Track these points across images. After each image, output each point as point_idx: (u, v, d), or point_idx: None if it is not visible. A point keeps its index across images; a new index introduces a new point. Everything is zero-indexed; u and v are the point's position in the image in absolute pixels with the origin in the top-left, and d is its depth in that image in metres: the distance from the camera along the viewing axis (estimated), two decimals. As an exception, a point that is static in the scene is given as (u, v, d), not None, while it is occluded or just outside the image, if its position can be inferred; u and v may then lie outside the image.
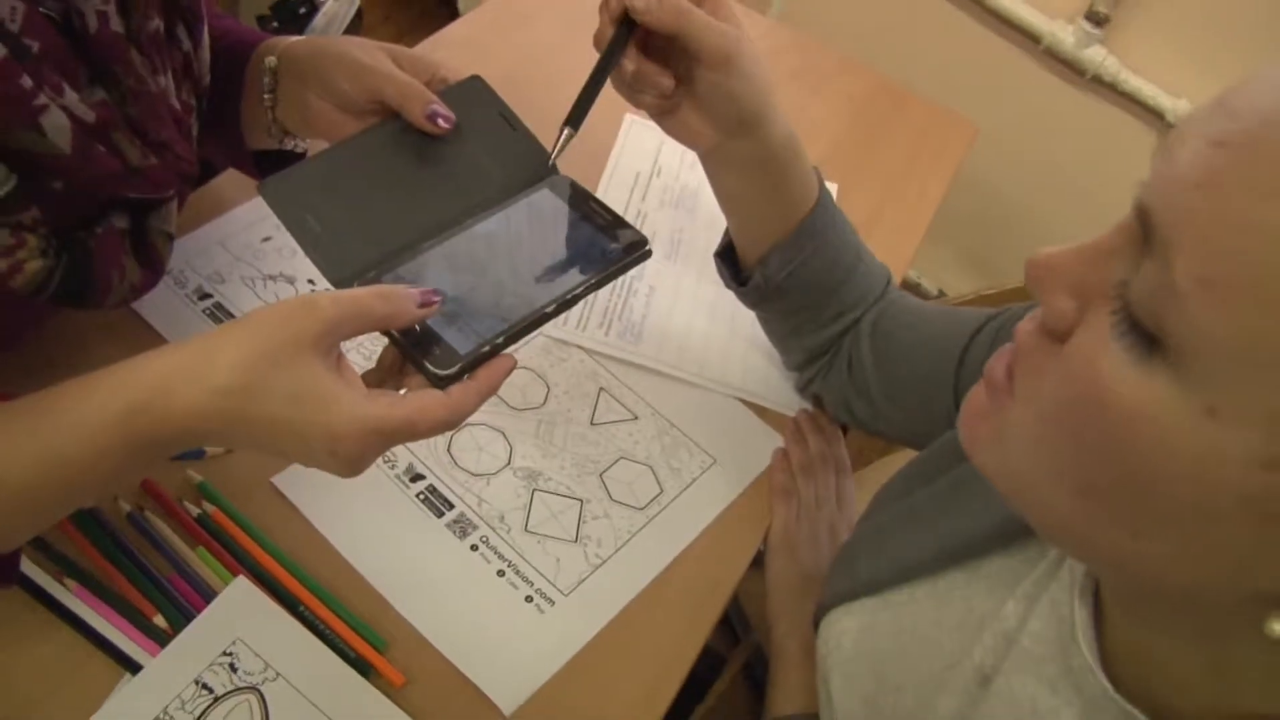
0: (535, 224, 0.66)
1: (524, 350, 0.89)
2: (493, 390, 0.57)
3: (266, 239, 0.90)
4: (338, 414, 0.52)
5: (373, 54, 0.70)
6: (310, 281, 0.88)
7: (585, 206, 0.67)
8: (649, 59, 0.70)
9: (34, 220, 0.60)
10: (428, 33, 1.14)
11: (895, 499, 0.71)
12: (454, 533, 0.76)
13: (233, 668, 0.65)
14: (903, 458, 0.93)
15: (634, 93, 0.72)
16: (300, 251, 0.88)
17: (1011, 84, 1.84)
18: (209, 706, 0.63)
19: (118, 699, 0.63)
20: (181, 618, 0.66)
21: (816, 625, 0.73)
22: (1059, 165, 1.87)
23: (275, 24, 1.22)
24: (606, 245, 0.65)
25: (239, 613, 0.67)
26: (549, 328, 0.90)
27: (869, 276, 0.84)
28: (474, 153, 0.69)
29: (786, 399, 0.93)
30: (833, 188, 1.15)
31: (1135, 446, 0.38)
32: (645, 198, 1.06)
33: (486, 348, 0.57)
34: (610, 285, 0.90)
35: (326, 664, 0.66)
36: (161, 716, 0.62)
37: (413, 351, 0.57)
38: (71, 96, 0.58)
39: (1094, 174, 1.84)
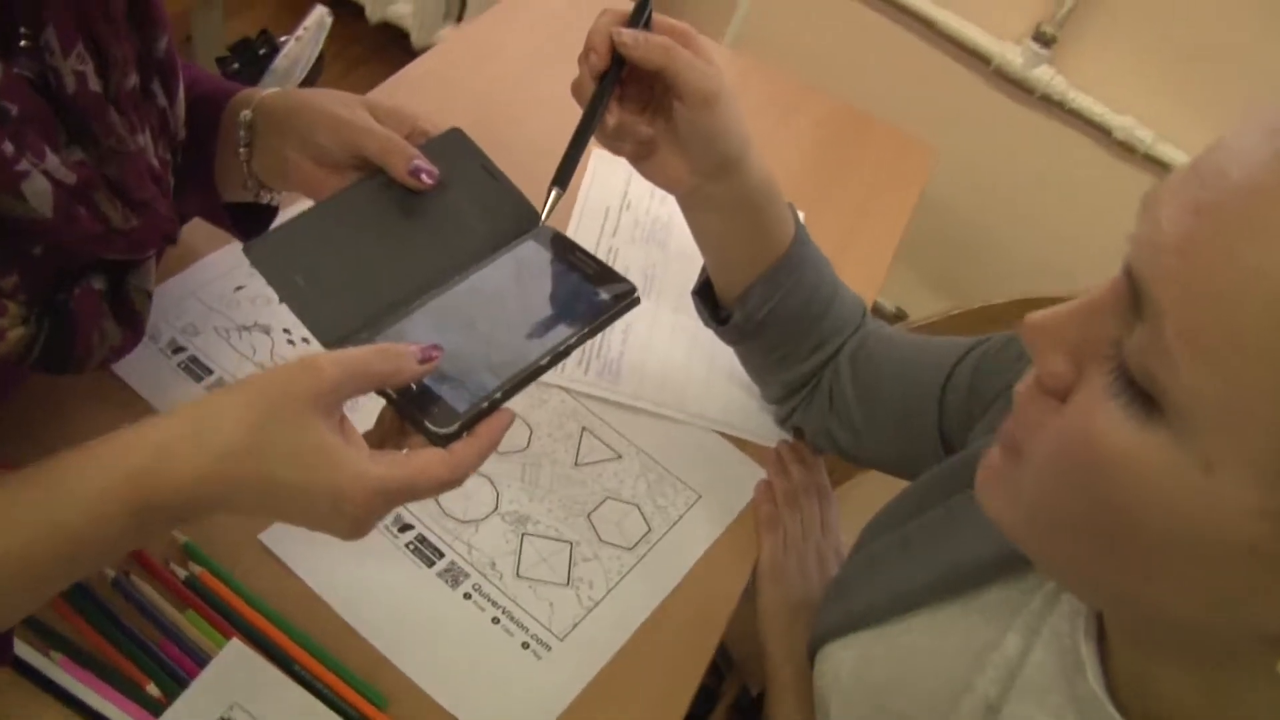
0: (523, 277, 0.66)
1: (506, 392, 0.88)
2: (493, 446, 0.57)
3: (239, 288, 0.89)
4: (343, 473, 0.52)
5: (351, 108, 0.70)
6: (286, 331, 0.87)
7: (571, 257, 0.67)
8: (626, 105, 0.72)
9: (13, 287, 0.59)
10: (384, 72, 1.14)
11: (887, 530, 0.72)
12: (446, 582, 0.75)
13: (232, 734, 0.64)
14: (872, 479, 0.95)
15: (614, 143, 0.73)
16: (275, 300, 0.89)
17: (964, 104, 1.88)
18: (209, 775, 0.62)
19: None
20: (175, 685, 0.65)
21: (812, 657, 0.73)
22: (1014, 182, 1.91)
23: (235, 65, 1.20)
24: (594, 295, 0.65)
25: (235, 677, 0.66)
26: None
27: (845, 307, 0.85)
28: (458, 206, 0.68)
29: (766, 430, 0.93)
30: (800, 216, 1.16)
31: (1136, 502, 0.39)
32: (616, 233, 1.07)
33: (485, 404, 0.57)
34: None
35: (325, 723, 0.65)
36: (160, 788, 0.61)
37: (412, 411, 0.57)
38: (53, 160, 0.58)
39: (1047, 190, 1.88)
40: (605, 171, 1.13)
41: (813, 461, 0.92)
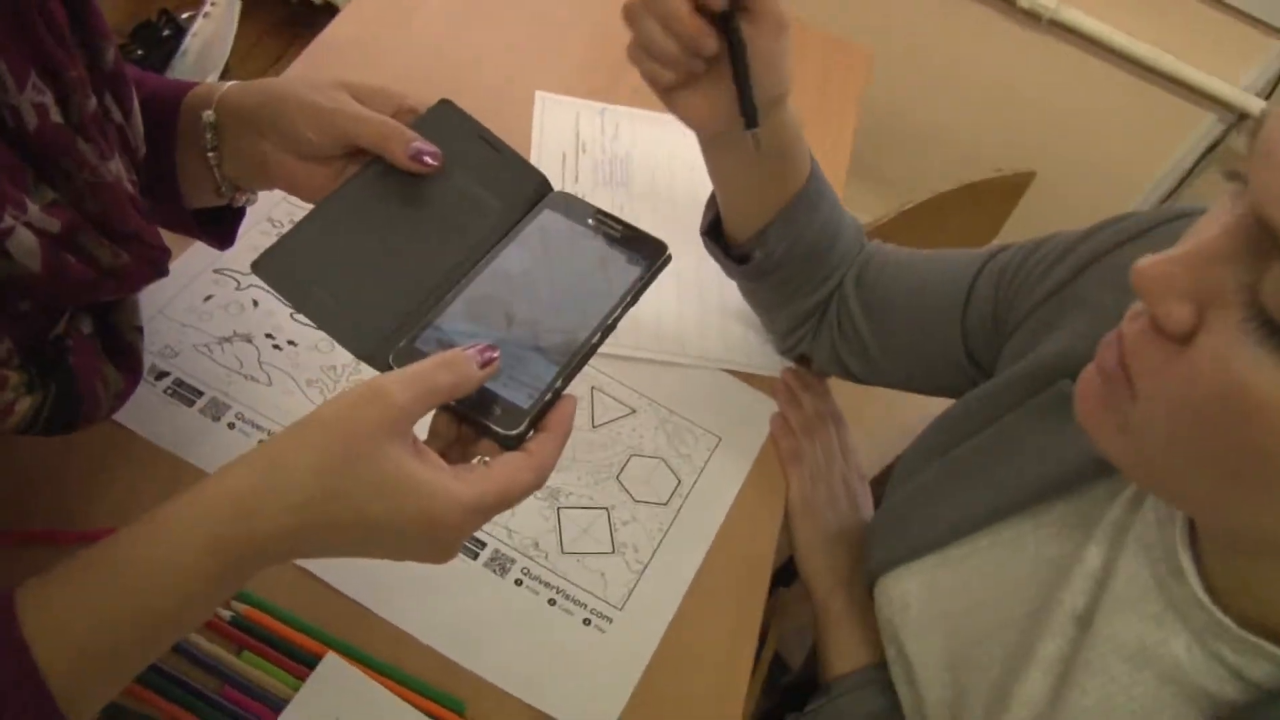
0: (549, 250, 0.63)
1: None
2: (567, 436, 0.56)
3: (208, 298, 0.84)
4: (433, 500, 0.49)
5: (333, 95, 0.65)
6: (269, 335, 0.82)
7: (594, 220, 0.64)
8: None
9: (8, 352, 0.54)
10: (293, 35, 1.06)
11: (933, 456, 0.72)
12: (494, 571, 0.74)
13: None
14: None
15: (660, 68, 0.69)
16: (249, 306, 0.84)
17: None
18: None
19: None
20: (250, 729, 0.63)
21: (870, 589, 0.74)
22: (926, 67, 1.91)
23: (139, 52, 1.11)
24: (627, 259, 0.62)
25: (335, 691, 0.64)
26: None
27: (849, 233, 0.84)
28: (465, 184, 0.65)
29: (768, 361, 0.93)
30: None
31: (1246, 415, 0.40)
32: (578, 179, 1.03)
33: (549, 395, 0.55)
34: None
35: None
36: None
37: (475, 417, 0.54)
38: (33, 209, 0.52)
39: (961, 68, 1.89)
40: (553, 114, 1.08)
41: (821, 388, 0.92)
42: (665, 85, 0.70)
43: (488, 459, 0.54)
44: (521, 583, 0.74)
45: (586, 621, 0.73)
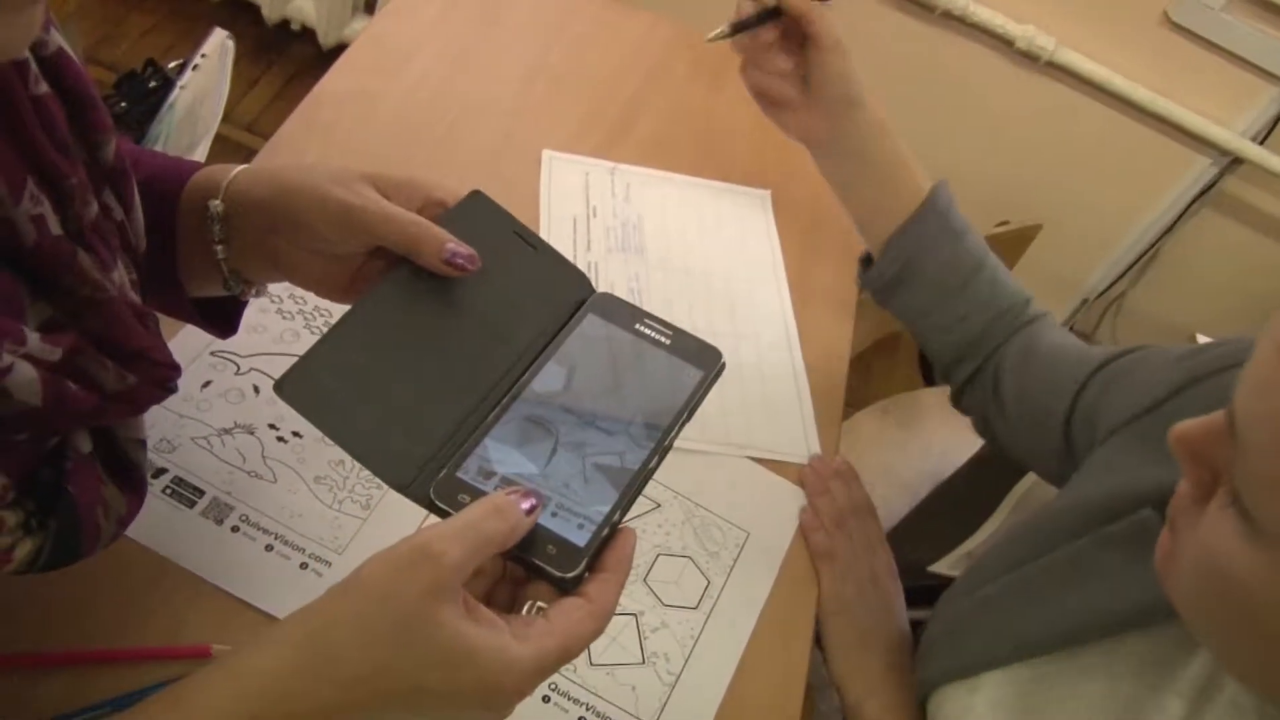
0: (596, 362, 0.58)
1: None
2: (627, 573, 0.52)
3: (206, 384, 0.78)
4: (495, 669, 0.45)
5: (356, 189, 0.59)
6: (273, 426, 0.77)
7: (640, 325, 0.60)
8: (779, 59, 0.83)
9: (4, 488, 0.49)
10: (289, 75, 1.01)
11: (1000, 572, 0.69)
12: (520, 689, 0.69)
13: None
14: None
15: (767, 86, 0.84)
16: (249, 394, 0.79)
17: (861, 29, 1.83)
18: None
19: None
20: None
21: (922, 701, 0.71)
22: (943, 113, 1.89)
23: (122, 104, 1.05)
24: (679, 369, 0.58)
25: None
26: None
27: (995, 286, 0.85)
28: (501, 287, 0.60)
29: (794, 446, 0.89)
30: (764, 194, 1.11)
31: (1259, 609, 0.42)
32: (590, 246, 0.99)
33: (605, 530, 0.51)
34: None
35: None
36: None
37: (529, 558, 0.50)
38: (33, 339, 0.47)
39: (959, 103, 1.87)
40: (560, 174, 1.04)
41: (849, 474, 0.88)
42: (771, 103, 0.85)
43: (543, 605, 0.50)
44: (550, 699, 0.69)
45: (619, 743, 0.69)
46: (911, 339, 0.94)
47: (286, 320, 0.84)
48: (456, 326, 0.59)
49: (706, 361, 0.59)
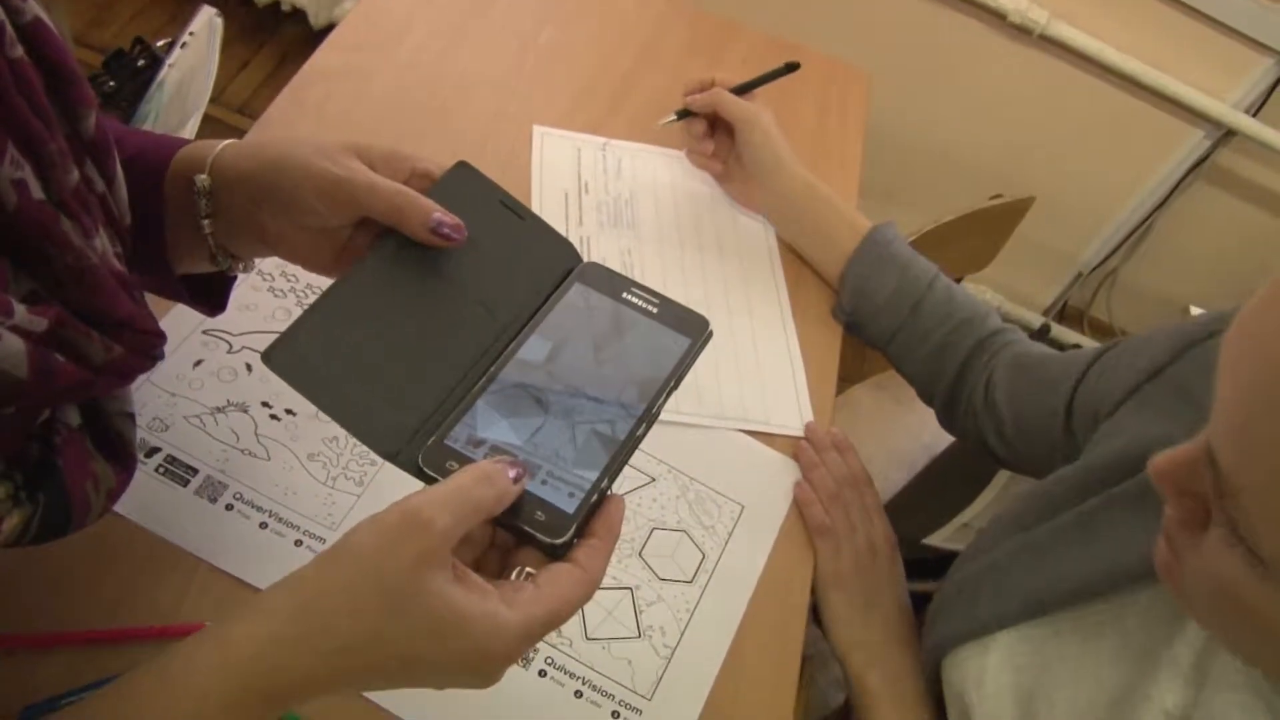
0: (582, 330, 0.58)
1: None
2: (616, 539, 0.52)
3: (198, 363, 0.78)
4: (484, 635, 0.45)
5: (341, 161, 0.59)
6: (266, 404, 0.77)
7: (627, 293, 0.60)
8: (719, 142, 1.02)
9: None
10: (280, 58, 1.01)
11: (1009, 534, 0.69)
12: (518, 663, 0.69)
13: None
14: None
15: (710, 162, 1.03)
16: (243, 372, 0.78)
17: (855, 5, 1.82)
18: None
19: None
20: None
21: (934, 665, 0.71)
22: (920, 82, 1.88)
23: (111, 84, 1.04)
24: (665, 337, 0.58)
25: None
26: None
27: (951, 302, 0.91)
28: (489, 257, 0.60)
29: (788, 419, 0.89)
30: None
31: (1273, 628, 0.43)
32: (582, 221, 0.98)
33: (594, 496, 0.51)
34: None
35: None
36: None
37: (516, 524, 0.50)
38: (20, 311, 0.47)
39: (953, 78, 1.86)
40: (552, 149, 1.04)
41: (845, 445, 0.88)
42: (717, 174, 1.05)
43: (531, 570, 0.50)
44: (546, 674, 0.69)
45: (615, 714, 0.69)
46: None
47: (278, 298, 0.84)
48: (444, 296, 0.58)
49: (694, 330, 0.59)
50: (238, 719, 0.43)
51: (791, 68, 1.03)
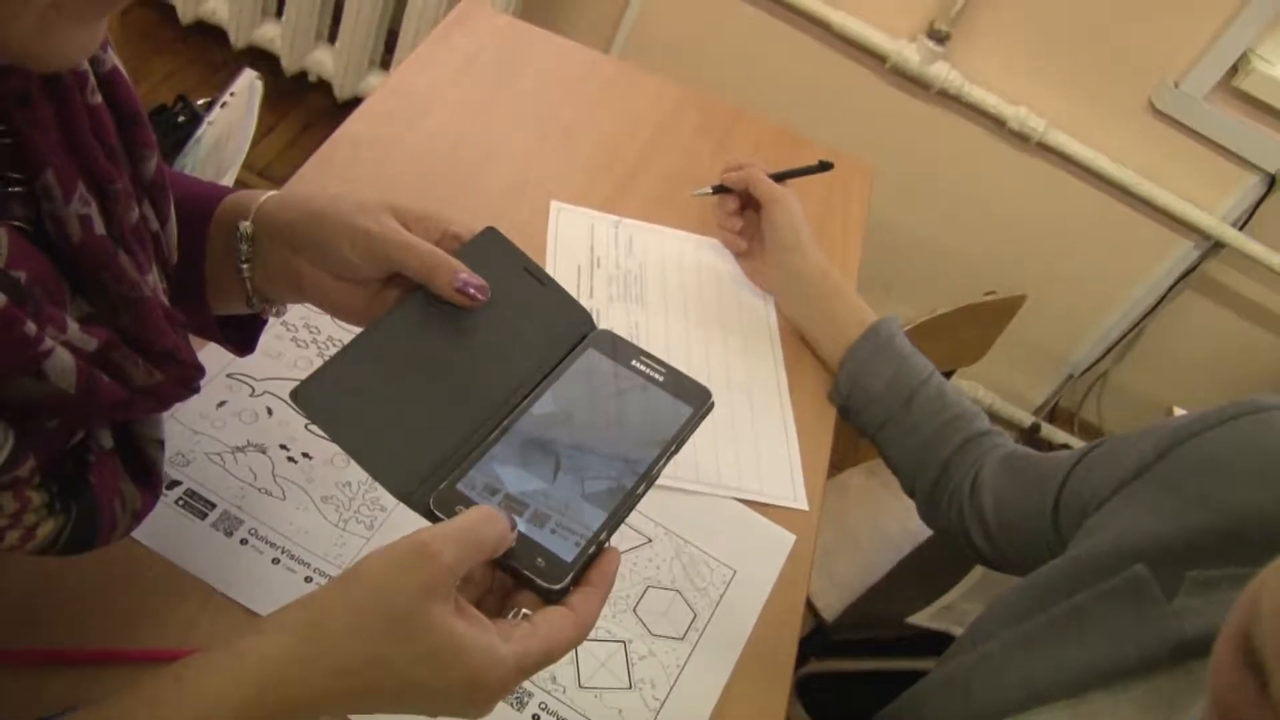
0: (593, 393, 0.62)
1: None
2: (610, 588, 0.55)
3: (221, 404, 0.82)
4: (480, 665, 0.48)
5: (379, 219, 0.64)
6: (284, 447, 0.80)
7: (636, 362, 0.64)
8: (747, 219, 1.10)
9: (30, 471, 0.52)
10: (304, 124, 1.06)
11: (1001, 626, 0.72)
12: (512, 706, 0.72)
13: None
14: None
15: (736, 239, 1.10)
16: (264, 415, 0.82)
17: (862, 104, 1.90)
18: None
19: None
20: None
21: None
22: (916, 179, 1.95)
23: (165, 178, 1.09)
24: (670, 404, 0.62)
25: None
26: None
27: (942, 398, 0.95)
28: (508, 318, 0.64)
29: (780, 490, 0.92)
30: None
31: None
32: (593, 294, 1.03)
33: (592, 548, 0.54)
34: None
35: None
36: None
37: (519, 568, 0.53)
38: (73, 328, 0.51)
39: (952, 178, 1.93)
40: (567, 223, 1.09)
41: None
42: (740, 251, 1.10)
43: (528, 612, 0.53)
44: (539, 718, 0.72)
45: (603, 764, 0.71)
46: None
47: (300, 348, 0.88)
48: (465, 351, 0.62)
49: (696, 399, 0.63)
50: None
51: (825, 166, 1.11)
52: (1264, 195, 1.82)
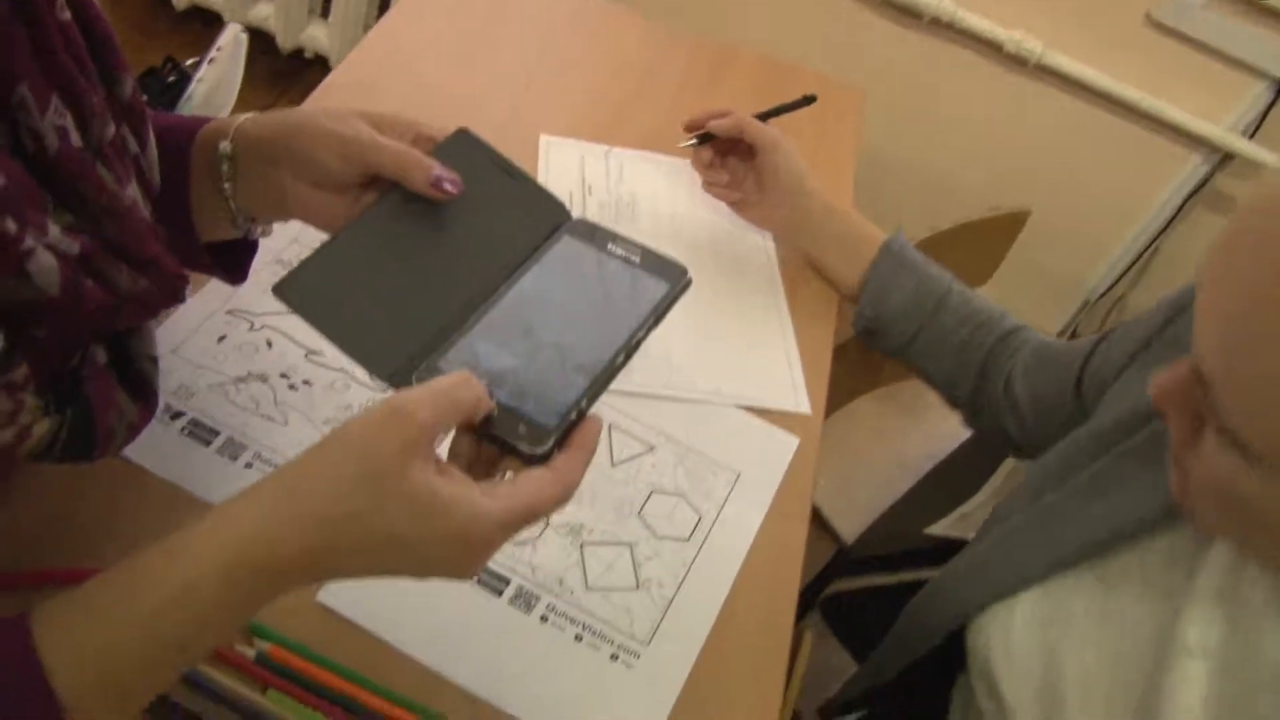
0: (570, 275, 0.63)
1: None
2: (592, 454, 0.56)
3: (222, 338, 0.83)
4: (463, 519, 0.49)
5: (352, 124, 0.65)
6: (284, 376, 0.82)
7: (612, 245, 0.64)
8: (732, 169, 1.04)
9: (24, 378, 0.53)
10: (290, 91, 1.07)
11: (1025, 503, 0.74)
12: (519, 608, 0.72)
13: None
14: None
15: (727, 191, 1.04)
16: (264, 347, 0.83)
17: (856, 38, 1.89)
18: None
19: None
20: (277, 771, 0.61)
21: (959, 630, 0.74)
22: (916, 108, 1.94)
23: (143, 99, 1.11)
24: (648, 282, 0.63)
25: None
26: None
27: (968, 304, 0.97)
28: (484, 212, 0.65)
29: (782, 396, 0.93)
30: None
31: (1254, 508, 0.48)
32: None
33: (573, 415, 0.55)
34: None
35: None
36: None
37: (500, 436, 0.54)
38: (54, 230, 0.52)
39: (952, 110, 1.92)
40: (558, 159, 1.09)
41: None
42: (733, 202, 1.04)
43: (512, 474, 0.54)
44: (547, 619, 0.72)
45: (614, 657, 0.72)
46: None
47: (297, 284, 0.89)
48: (442, 243, 0.64)
49: (673, 275, 0.63)
50: (230, 587, 0.47)
51: (809, 100, 1.08)
52: (1273, 101, 1.79)
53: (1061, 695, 0.64)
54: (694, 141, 1.02)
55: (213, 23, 2.12)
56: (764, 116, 1.03)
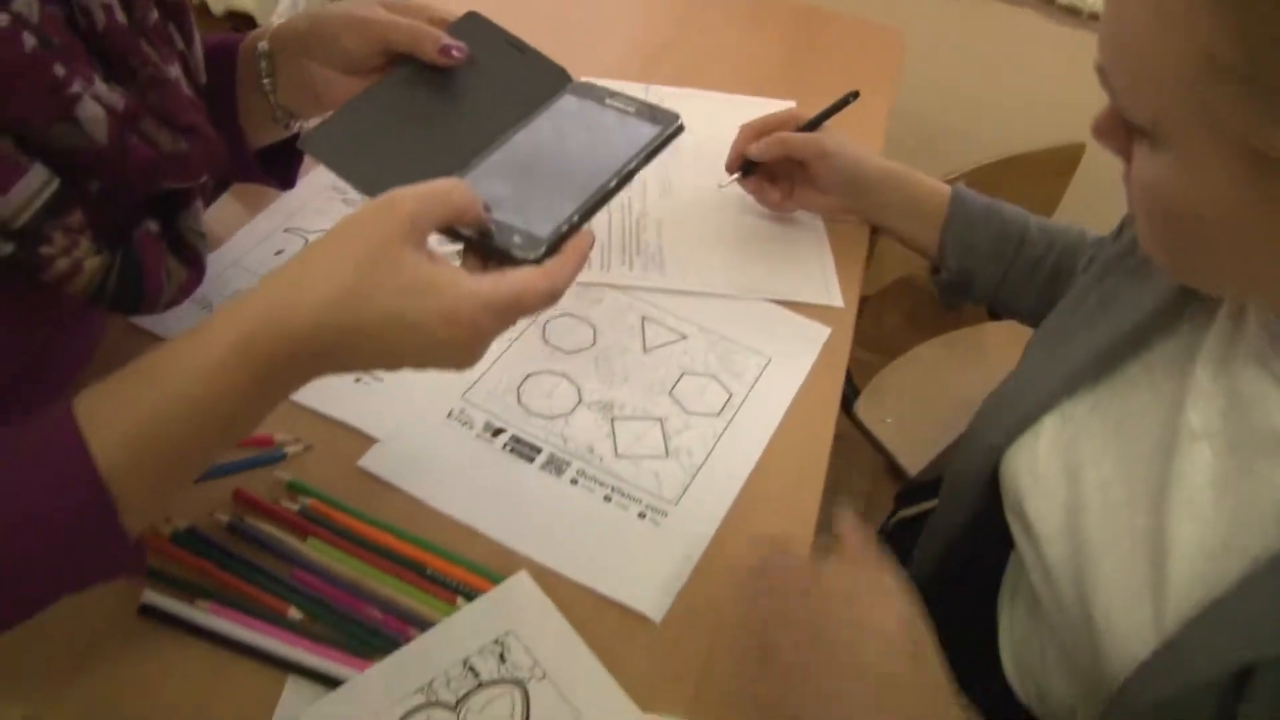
0: (571, 123, 0.68)
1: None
2: (583, 260, 0.59)
3: (279, 252, 0.89)
4: (451, 295, 0.52)
5: (369, 7, 0.72)
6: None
7: (610, 100, 0.69)
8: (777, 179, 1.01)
9: (80, 224, 0.59)
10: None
11: (1034, 346, 0.78)
12: (550, 473, 0.76)
13: (502, 658, 0.64)
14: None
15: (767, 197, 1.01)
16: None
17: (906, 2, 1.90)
18: (473, 690, 0.62)
19: (385, 668, 0.63)
20: (315, 606, 0.65)
21: (990, 469, 0.75)
22: (965, 62, 1.93)
23: None
24: (643, 125, 0.67)
25: (516, 605, 0.67)
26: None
27: (1049, 232, 0.96)
28: (492, 78, 0.71)
29: (815, 290, 0.94)
30: (792, 104, 1.18)
31: (1187, 205, 0.52)
32: (623, 146, 1.07)
33: (565, 226, 0.59)
34: (621, 223, 0.95)
35: (591, 671, 0.65)
36: (426, 689, 0.62)
37: (495, 247, 0.58)
38: (100, 85, 0.58)
39: (1004, 66, 1.91)
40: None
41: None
42: (775, 205, 1.01)
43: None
44: (577, 482, 0.75)
45: (642, 515, 0.74)
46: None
47: (348, 207, 0.95)
48: (452, 104, 0.70)
49: (666, 120, 0.67)
50: (245, 364, 0.51)
51: (851, 98, 1.05)
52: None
53: (1084, 505, 0.65)
54: (736, 178, 1.00)
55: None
56: (810, 125, 0.99)
